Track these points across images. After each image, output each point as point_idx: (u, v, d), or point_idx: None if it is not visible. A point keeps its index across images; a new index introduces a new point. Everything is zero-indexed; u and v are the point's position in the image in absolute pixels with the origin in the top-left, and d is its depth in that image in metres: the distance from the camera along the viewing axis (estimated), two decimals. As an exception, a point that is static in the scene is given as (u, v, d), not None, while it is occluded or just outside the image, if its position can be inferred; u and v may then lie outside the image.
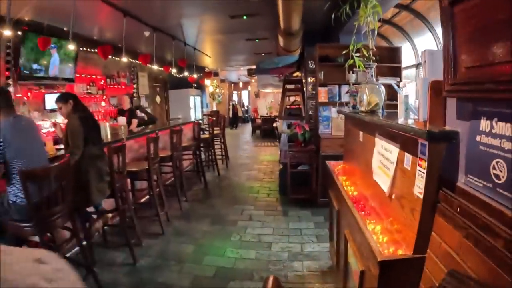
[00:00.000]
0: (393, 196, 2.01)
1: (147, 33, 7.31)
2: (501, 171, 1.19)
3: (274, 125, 13.39)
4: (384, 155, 2.16)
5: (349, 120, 3.48)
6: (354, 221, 2.20)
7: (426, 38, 6.26)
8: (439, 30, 5.69)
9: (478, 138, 1.33)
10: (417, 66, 6.56)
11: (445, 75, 1.44)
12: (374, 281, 1.73)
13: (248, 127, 19.84)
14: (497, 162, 1.21)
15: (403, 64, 6.00)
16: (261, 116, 17.53)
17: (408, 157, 1.82)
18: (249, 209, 5.81)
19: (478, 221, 1.29)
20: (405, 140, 1.86)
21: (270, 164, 9.57)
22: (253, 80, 21.30)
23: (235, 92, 25.07)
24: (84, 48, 7.67)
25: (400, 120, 1.93)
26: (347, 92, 3.85)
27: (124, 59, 6.72)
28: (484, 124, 1.29)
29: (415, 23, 6.37)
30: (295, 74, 12.56)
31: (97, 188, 3.74)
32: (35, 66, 6.31)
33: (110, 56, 7.12)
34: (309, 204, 5.86)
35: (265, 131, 16.08)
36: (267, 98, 20.05)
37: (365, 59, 3.30)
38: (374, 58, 3.39)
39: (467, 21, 1.29)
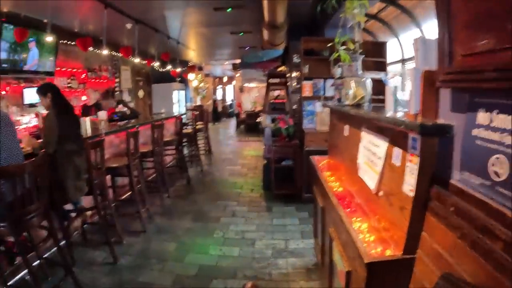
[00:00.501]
0: (381, 193, 1.91)
1: (129, 26, 7.10)
2: (501, 168, 1.10)
3: (258, 119, 13.28)
4: (371, 150, 2.07)
5: (334, 114, 3.39)
6: (339, 219, 2.11)
7: (412, 34, 6.22)
8: (425, 26, 5.67)
9: (475, 132, 1.23)
10: (402, 61, 6.52)
11: (440, 64, 1.34)
12: (362, 282, 1.63)
13: (233, 122, 19.71)
14: (496, 158, 1.12)
15: (388, 60, 5.95)
16: (245, 111, 17.38)
17: (397, 152, 1.73)
18: (232, 205, 5.70)
19: (474, 221, 1.20)
20: (395, 134, 1.77)
21: (254, 159, 9.47)
22: (237, 75, 21.11)
23: (219, 86, 24.82)
24: (65, 41, 7.38)
25: (390, 113, 1.84)
26: (332, 85, 3.77)
27: (105, 52, 6.51)
28: (482, 117, 1.20)
29: (401, 19, 6.33)
30: (279, 69, 12.46)
31: (75, 186, 3.58)
32: (13, 59, 6.01)
33: (91, 49, 6.90)
34: (294, 200, 5.78)
35: (249, 125, 15.92)
36: (251, 93, 19.86)
37: (352, 52, 3.21)
38: (360, 51, 3.31)
39: (466, 4, 1.19)
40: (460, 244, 1.26)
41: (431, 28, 5.52)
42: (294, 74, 6.58)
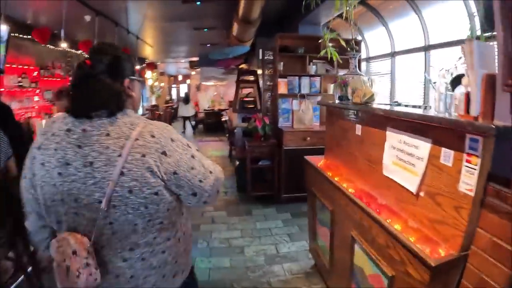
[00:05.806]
0: (422, 194, 1.87)
1: (88, 18, 6.63)
2: None
3: (223, 119, 13.01)
4: (405, 150, 2.02)
5: (336, 113, 3.31)
6: (369, 221, 2.05)
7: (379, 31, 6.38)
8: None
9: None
10: (392, 54, 6.45)
11: (503, 68, 1.36)
12: (419, 285, 1.59)
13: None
14: None
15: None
16: (204, 110, 16.97)
17: (447, 152, 1.69)
18: (209, 210, 5.40)
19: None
20: (441, 134, 1.73)
21: (219, 160, 9.22)
22: (193, 73, 20.70)
23: (174, 85, 24.26)
24: (16, 34, 6.57)
25: (439, 114, 1.80)
26: (334, 82, 3.72)
27: (64, 45, 6.03)
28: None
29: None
30: (240, 66, 12.32)
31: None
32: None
33: (44, 45, 6.37)
34: (272, 201, 5.68)
35: (209, 125, 15.61)
36: (208, 91, 19.50)
37: (348, 49, 3.17)
38: (357, 48, 3.29)
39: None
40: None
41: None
42: (266, 72, 6.43)
